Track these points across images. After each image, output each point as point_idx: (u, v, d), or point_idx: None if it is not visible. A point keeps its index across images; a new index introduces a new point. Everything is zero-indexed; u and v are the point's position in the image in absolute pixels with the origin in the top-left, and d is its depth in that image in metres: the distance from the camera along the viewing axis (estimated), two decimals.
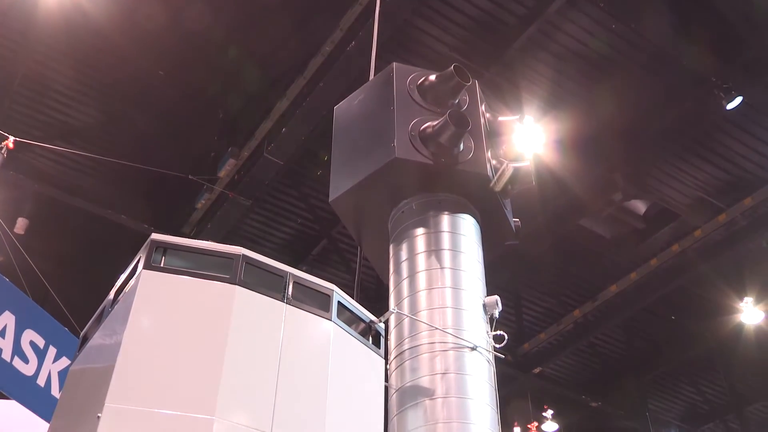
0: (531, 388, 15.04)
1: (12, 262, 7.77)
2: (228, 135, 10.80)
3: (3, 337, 5.13)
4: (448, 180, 5.32)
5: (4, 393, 5.45)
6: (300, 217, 12.10)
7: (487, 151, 5.47)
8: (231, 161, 10.61)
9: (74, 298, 9.36)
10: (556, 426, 15.64)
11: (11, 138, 9.12)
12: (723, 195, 11.27)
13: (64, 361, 5.54)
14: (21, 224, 10.10)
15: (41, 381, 5.39)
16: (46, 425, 4.08)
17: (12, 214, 10.20)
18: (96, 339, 3.81)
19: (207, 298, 3.48)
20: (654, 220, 12.01)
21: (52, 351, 5.51)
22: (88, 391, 3.42)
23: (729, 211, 11.27)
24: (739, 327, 12.87)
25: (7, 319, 5.17)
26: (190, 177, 10.62)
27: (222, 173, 10.74)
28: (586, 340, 14.25)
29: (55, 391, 5.39)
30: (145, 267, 3.51)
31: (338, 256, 12.33)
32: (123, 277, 3.80)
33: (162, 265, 3.55)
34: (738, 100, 9.50)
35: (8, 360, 5.17)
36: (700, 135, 10.64)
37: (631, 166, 11.14)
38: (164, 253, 3.59)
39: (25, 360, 5.31)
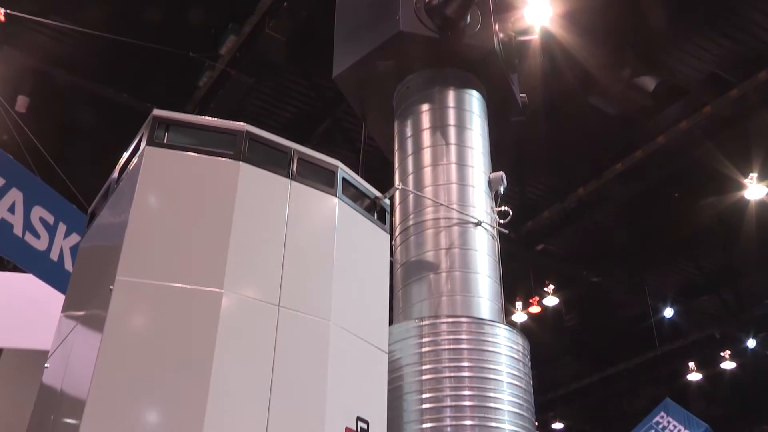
0: (533, 264, 15.38)
1: (16, 141, 7.74)
2: (228, 10, 10.46)
3: (13, 213, 5.18)
4: (455, 54, 5.21)
5: (20, 267, 5.61)
6: (303, 96, 11.93)
7: (495, 24, 5.31)
8: (232, 38, 10.34)
9: (79, 175, 9.40)
10: (556, 300, 16.13)
11: (2, 10, 8.80)
12: (736, 69, 10.98)
13: (75, 237, 5.63)
14: (21, 102, 9.97)
15: (54, 256, 5.51)
16: (62, 297, 4.21)
17: (12, 92, 10.05)
18: (103, 216, 3.86)
19: (211, 174, 3.48)
20: (663, 97, 11.78)
21: (62, 227, 5.59)
22: (99, 266, 3.51)
23: (741, 86, 11.02)
24: (742, 203, 12.95)
25: (15, 196, 5.20)
26: (191, 54, 10.38)
27: (223, 50, 10.49)
28: (589, 218, 14.40)
29: (68, 266, 5.51)
30: (148, 143, 3.49)
31: (342, 135, 12.25)
32: (126, 154, 3.80)
33: (165, 141, 3.53)
34: None
35: (20, 235, 5.25)
36: (717, 4, 10.23)
37: (642, 41, 10.81)
38: (167, 130, 3.57)
39: (37, 236, 5.39)
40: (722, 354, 16.96)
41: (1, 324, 5.89)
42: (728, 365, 17.04)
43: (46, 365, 3.75)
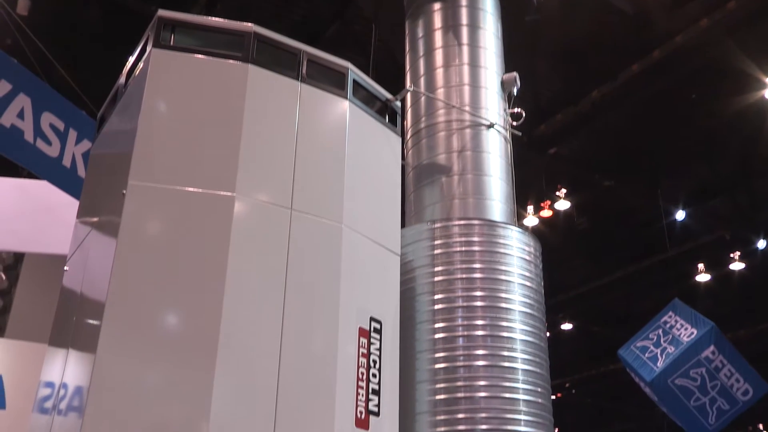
0: (546, 168, 15.29)
1: (20, 45, 7.58)
2: None
3: (22, 119, 5.12)
4: None
5: (33, 173, 5.61)
6: None
7: None
8: None
9: (86, 79, 9.28)
10: (568, 204, 16.14)
11: None
12: None
13: (86, 144, 5.60)
14: (23, 5, 9.71)
15: (66, 162, 5.50)
16: (77, 203, 4.24)
17: None
18: (113, 122, 3.83)
19: (219, 77, 3.43)
20: None
21: (72, 134, 5.55)
22: (111, 171, 3.51)
23: None
24: (762, 103, 12.67)
25: (23, 102, 5.12)
26: None
27: None
28: (603, 121, 14.19)
29: (81, 172, 5.51)
30: (155, 45, 3.42)
31: (352, 39, 11.95)
32: (132, 58, 3.73)
33: (171, 43, 3.46)
34: None
35: (31, 141, 5.22)
36: None
37: None
38: (173, 31, 3.49)
39: (48, 142, 5.36)
40: (732, 255, 17.08)
41: (21, 229, 5.98)
42: (737, 266, 17.19)
43: (65, 268, 3.82)
